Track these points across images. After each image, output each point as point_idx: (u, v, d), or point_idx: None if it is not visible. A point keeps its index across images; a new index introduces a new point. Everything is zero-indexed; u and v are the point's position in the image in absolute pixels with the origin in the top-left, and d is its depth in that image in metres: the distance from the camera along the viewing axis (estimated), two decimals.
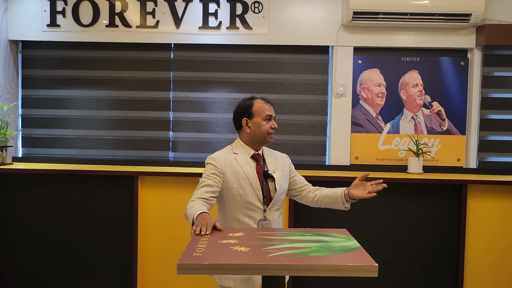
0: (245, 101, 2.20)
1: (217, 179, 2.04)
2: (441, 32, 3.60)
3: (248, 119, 2.15)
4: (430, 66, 3.67)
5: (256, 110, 2.14)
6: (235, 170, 2.08)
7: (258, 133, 2.12)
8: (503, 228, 3.26)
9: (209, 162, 2.13)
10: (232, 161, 2.11)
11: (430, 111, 3.69)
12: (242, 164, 2.10)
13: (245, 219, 2.04)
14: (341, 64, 3.65)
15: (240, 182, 2.06)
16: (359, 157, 3.70)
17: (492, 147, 3.65)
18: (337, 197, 2.12)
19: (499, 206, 3.24)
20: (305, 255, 1.36)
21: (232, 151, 2.16)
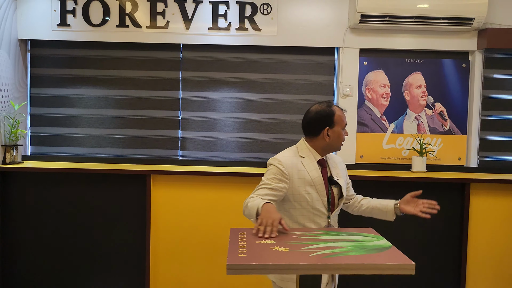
0: (323, 108, 2.13)
1: (283, 185, 2.00)
2: (443, 35, 3.70)
3: (330, 128, 2.10)
4: (433, 68, 3.78)
5: (337, 120, 2.10)
6: (302, 176, 2.05)
7: (336, 142, 2.10)
8: (505, 226, 3.40)
9: (275, 164, 2.05)
10: (299, 166, 2.06)
11: (433, 111, 3.80)
12: (309, 169, 2.06)
13: (310, 224, 2.04)
14: (347, 65, 3.74)
15: (307, 188, 2.04)
16: (364, 156, 3.80)
17: (492, 146, 3.78)
18: (388, 209, 2.17)
19: (501, 204, 3.37)
20: (343, 255, 1.45)
21: (298, 154, 2.11)
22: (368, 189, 3.34)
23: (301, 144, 2.18)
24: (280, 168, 2.03)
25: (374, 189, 3.36)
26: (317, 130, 2.12)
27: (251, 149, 3.85)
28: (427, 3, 3.48)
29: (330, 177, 2.12)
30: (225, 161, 3.80)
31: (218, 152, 3.85)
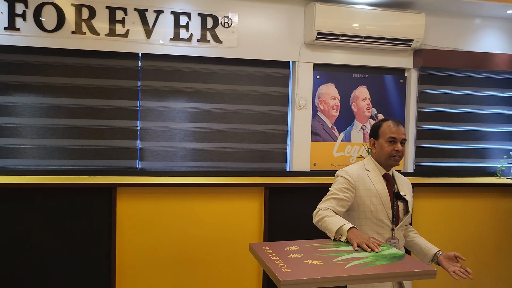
0: (377, 121, 2.31)
1: (349, 194, 2.13)
2: (386, 53, 4.10)
3: (375, 139, 2.25)
4: (376, 82, 4.17)
5: (382, 132, 2.21)
6: (367, 187, 2.16)
7: (381, 154, 2.20)
8: (447, 224, 3.88)
9: (342, 175, 2.20)
10: (365, 178, 2.18)
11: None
12: (375, 182, 2.18)
13: (374, 235, 2.13)
14: (302, 78, 3.97)
15: (372, 199, 2.15)
16: (317, 163, 4.07)
17: (426, 153, 4.27)
18: (428, 253, 2.20)
19: (440, 205, 3.84)
20: (373, 265, 1.64)
21: (364, 168, 2.24)
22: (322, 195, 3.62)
23: (369, 159, 2.31)
24: (347, 178, 2.18)
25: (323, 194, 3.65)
26: (370, 143, 2.31)
27: (211, 158, 3.92)
28: (375, 25, 3.84)
29: (397, 193, 2.22)
30: (186, 171, 3.82)
31: (178, 162, 3.86)
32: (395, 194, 2.20)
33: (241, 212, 3.54)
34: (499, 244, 3.97)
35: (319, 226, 2.08)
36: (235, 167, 3.95)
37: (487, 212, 3.92)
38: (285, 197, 3.64)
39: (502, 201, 3.97)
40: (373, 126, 2.32)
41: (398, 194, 2.21)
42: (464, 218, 3.91)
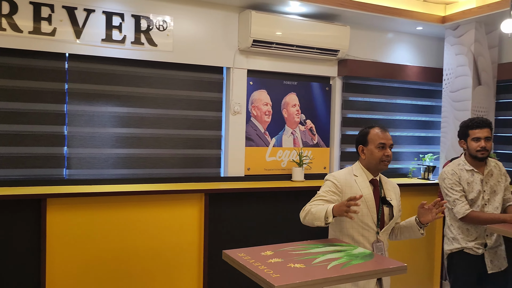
0: (363, 128, 2.40)
1: (336, 197, 2.18)
2: (314, 62, 4.31)
3: (363, 146, 2.33)
4: (304, 89, 4.36)
5: (370, 138, 2.31)
6: (354, 192, 2.23)
7: (372, 160, 2.30)
8: None
9: (330, 179, 2.28)
10: (352, 183, 2.27)
11: (305, 127, 4.38)
12: (362, 186, 2.26)
13: (359, 237, 2.21)
14: (237, 84, 4.01)
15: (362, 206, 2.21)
16: (251, 168, 4.13)
17: (350, 157, 4.56)
18: (412, 225, 2.30)
19: None
20: (351, 264, 1.73)
21: (352, 173, 2.32)
22: (255, 199, 3.71)
23: (357, 164, 2.40)
24: (334, 182, 2.27)
25: (261, 199, 3.75)
26: (357, 149, 2.41)
27: (144, 165, 3.78)
28: (305, 35, 4.02)
29: (383, 197, 2.30)
30: (118, 178, 3.65)
31: (109, 169, 3.66)
32: (381, 199, 2.29)
33: (180, 220, 3.47)
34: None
35: (306, 220, 2.17)
36: (169, 173, 3.86)
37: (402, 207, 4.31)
38: (223, 202, 3.65)
39: (414, 200, 4.39)
40: (360, 133, 2.40)
41: (384, 199, 2.30)
42: None
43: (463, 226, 2.84)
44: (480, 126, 2.81)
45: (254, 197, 3.79)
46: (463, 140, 2.91)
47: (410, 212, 4.28)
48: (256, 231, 3.78)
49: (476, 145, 2.81)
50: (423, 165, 4.65)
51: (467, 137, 2.87)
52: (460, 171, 2.86)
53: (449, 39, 4.53)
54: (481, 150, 2.81)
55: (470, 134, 2.85)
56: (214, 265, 3.58)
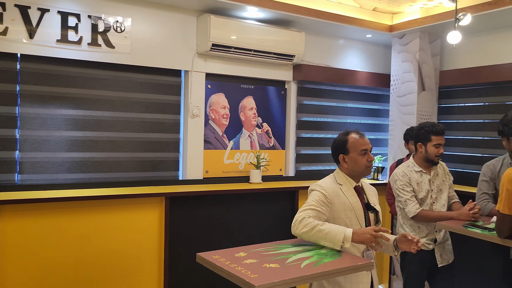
0: (340, 136, 2.31)
1: (326, 208, 2.12)
2: (270, 66, 4.41)
3: (344, 155, 2.24)
4: (261, 93, 4.45)
5: (351, 146, 2.22)
6: (342, 201, 2.18)
7: (356, 168, 2.23)
8: None
9: (318, 190, 2.18)
10: (339, 192, 2.20)
11: (261, 130, 4.46)
12: (348, 195, 2.21)
13: (350, 247, 2.07)
14: (195, 87, 4.03)
15: (347, 212, 2.18)
16: (209, 171, 4.16)
17: (305, 158, 4.70)
18: (389, 244, 2.20)
19: None
20: (323, 262, 1.82)
21: (336, 182, 2.25)
22: (215, 201, 3.75)
23: (338, 173, 2.31)
24: (323, 193, 2.17)
25: (221, 201, 3.80)
26: (336, 158, 2.32)
27: (101, 169, 3.70)
28: (263, 40, 4.10)
29: (367, 204, 2.27)
30: (73, 183, 3.55)
31: (64, 174, 3.55)
32: (366, 205, 2.27)
33: (139, 224, 3.44)
34: None
35: (308, 236, 2.02)
36: (126, 177, 3.80)
37: None
38: (183, 206, 3.65)
39: None
40: (338, 141, 2.30)
41: (369, 205, 2.28)
42: None
43: (415, 224, 3.03)
44: (442, 133, 2.99)
45: (213, 200, 3.82)
46: (421, 143, 3.04)
47: None
48: (217, 233, 3.82)
49: (436, 150, 2.99)
50: (373, 166, 4.88)
51: (428, 142, 3.00)
52: (410, 172, 3.05)
53: (396, 47, 4.79)
54: (438, 156, 3.01)
55: (432, 140, 2.98)
56: (175, 269, 3.58)
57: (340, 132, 2.38)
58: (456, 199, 3.17)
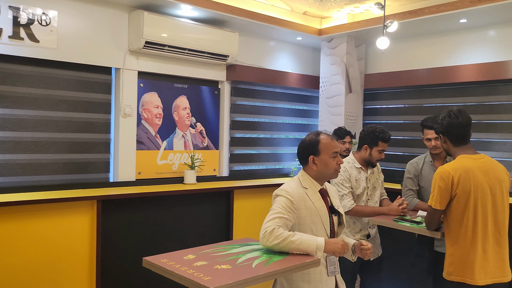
0: (310, 137, 2.18)
1: (292, 215, 2.02)
2: (204, 66, 4.37)
3: (314, 156, 2.13)
4: (194, 92, 4.40)
5: (322, 148, 2.12)
6: (308, 206, 2.08)
7: (325, 170, 2.14)
8: (260, 219, 4.36)
9: (284, 195, 2.05)
10: (305, 197, 2.09)
11: (195, 130, 4.42)
12: (314, 199, 2.11)
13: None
14: (127, 86, 3.88)
15: (313, 218, 2.09)
16: (142, 172, 4.03)
17: (238, 158, 4.73)
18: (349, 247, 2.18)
19: (256, 204, 4.32)
20: (272, 262, 1.85)
21: (301, 185, 2.13)
22: (149, 203, 3.66)
23: (303, 175, 2.18)
24: (289, 198, 2.05)
25: (155, 203, 3.71)
26: (305, 159, 2.17)
27: (23, 172, 3.44)
28: (197, 39, 4.06)
29: (331, 207, 2.18)
30: None
31: None
32: (330, 209, 2.18)
33: (69, 230, 3.25)
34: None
35: (280, 247, 1.93)
36: (52, 180, 3.57)
37: None
38: (115, 209, 3.51)
39: None
40: (308, 142, 2.19)
41: (333, 208, 2.20)
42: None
43: (350, 220, 3.17)
44: (389, 141, 3.15)
45: (147, 202, 3.71)
46: (368, 146, 3.16)
47: None
48: (152, 237, 3.71)
49: (379, 156, 3.15)
50: None
51: (374, 146, 3.13)
52: (350, 169, 3.18)
53: (324, 50, 4.98)
54: (379, 160, 3.18)
55: (379, 145, 3.12)
56: (108, 275, 3.43)
57: (309, 132, 2.27)
58: (385, 195, 3.37)
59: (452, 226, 2.43)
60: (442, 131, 2.54)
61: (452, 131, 2.50)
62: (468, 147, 2.51)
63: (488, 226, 2.36)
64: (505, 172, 2.47)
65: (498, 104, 4.08)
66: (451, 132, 2.50)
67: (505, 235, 2.40)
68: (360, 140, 3.21)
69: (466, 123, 2.52)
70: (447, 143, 2.55)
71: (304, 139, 2.22)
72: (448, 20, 4.03)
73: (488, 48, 4.14)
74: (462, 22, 4.08)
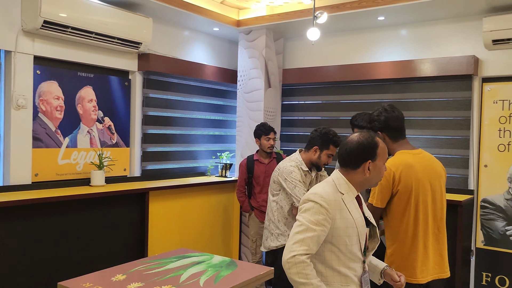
0: (366, 138, 1.83)
1: (326, 228, 1.70)
2: (113, 54, 3.90)
3: (372, 161, 1.80)
4: (102, 83, 3.91)
5: (380, 153, 1.82)
6: (344, 216, 1.74)
7: (375, 178, 1.83)
8: (180, 222, 4.03)
9: (317, 201, 1.70)
10: (341, 204, 1.75)
11: (103, 125, 3.93)
12: (350, 208, 1.77)
13: (346, 271, 1.76)
14: (20, 73, 3.30)
15: (348, 230, 1.74)
16: (39, 173, 3.47)
17: (152, 156, 4.32)
18: (376, 270, 1.98)
19: (174, 206, 3.98)
20: (222, 277, 1.58)
21: (337, 190, 1.78)
22: (49, 210, 3.15)
23: (338, 178, 1.84)
24: (324, 206, 1.71)
25: (57, 209, 3.21)
26: (358, 163, 1.82)
27: None
28: (107, 23, 3.59)
29: (365, 218, 1.88)
30: None
31: None
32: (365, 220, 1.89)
33: None
34: (215, 233, 4.47)
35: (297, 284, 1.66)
36: None
37: (203, 206, 4.36)
38: (5, 218, 2.95)
39: (214, 197, 4.49)
40: (367, 144, 1.84)
41: (367, 220, 1.90)
42: (188, 214, 4.20)
43: (290, 223, 2.99)
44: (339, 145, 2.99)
45: (46, 209, 3.19)
46: (318, 148, 3.01)
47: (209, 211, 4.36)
48: (55, 249, 3.20)
49: (327, 160, 3.04)
50: (221, 163, 4.78)
51: (325, 149, 3.00)
52: (298, 169, 3.00)
53: (242, 42, 4.77)
54: (326, 164, 3.07)
55: (330, 149, 3.00)
56: None
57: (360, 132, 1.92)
58: None
59: (392, 224, 2.35)
60: (381, 127, 2.45)
61: (391, 125, 2.43)
62: (406, 142, 2.46)
63: (429, 222, 2.32)
64: (442, 168, 2.46)
65: (412, 101, 4.21)
66: (391, 126, 2.43)
67: (443, 231, 2.39)
68: (310, 140, 3.06)
69: (402, 116, 2.48)
70: (385, 140, 2.47)
71: (359, 140, 1.84)
72: (367, 17, 4.06)
73: (402, 46, 4.25)
74: (380, 20, 4.14)
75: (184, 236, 4.16)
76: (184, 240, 4.15)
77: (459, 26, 3.94)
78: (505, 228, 3.75)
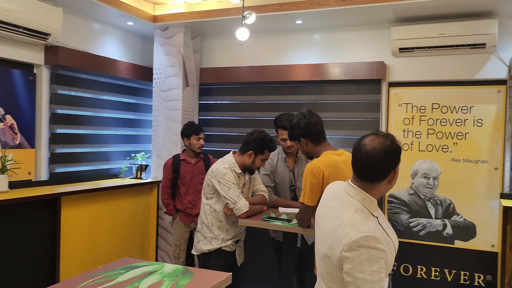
0: (390, 142, 1.53)
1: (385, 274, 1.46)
2: (16, 45, 3.52)
3: (395, 170, 1.53)
4: (2, 77, 3.50)
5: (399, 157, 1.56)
6: (388, 244, 1.47)
7: (390, 186, 1.58)
8: (94, 229, 3.75)
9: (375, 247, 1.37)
10: (384, 234, 1.47)
11: (4, 124, 3.52)
12: (389, 232, 1.52)
13: None
14: None
15: (390, 259, 1.50)
16: None
17: (62, 158, 3.96)
18: None
19: (83, 211, 3.70)
20: (182, 286, 1.50)
21: (370, 214, 1.48)
22: None
23: (366, 198, 1.52)
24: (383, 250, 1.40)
25: None
26: (385, 174, 1.53)
27: None
28: (10, 9, 3.22)
29: None
30: None
31: None
32: None
33: None
34: (131, 237, 4.26)
35: None
36: None
37: (118, 210, 4.13)
38: None
39: (129, 200, 4.28)
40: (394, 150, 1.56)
41: None
42: (102, 219, 3.95)
43: (224, 227, 2.93)
44: (274, 149, 3.01)
45: None
46: (253, 153, 2.96)
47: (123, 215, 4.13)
48: None
49: (261, 164, 3.01)
50: (135, 164, 4.56)
51: (259, 154, 2.96)
52: (231, 172, 2.93)
53: (158, 39, 4.59)
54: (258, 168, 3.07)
55: (265, 154, 2.97)
56: None
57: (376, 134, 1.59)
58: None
59: None
60: (302, 133, 2.54)
61: (312, 130, 2.53)
62: (327, 144, 2.59)
63: None
64: None
65: (327, 103, 4.41)
66: (311, 131, 2.53)
67: None
68: (245, 144, 3.00)
69: (320, 120, 2.61)
70: (308, 145, 2.56)
71: (385, 149, 1.53)
72: (286, 20, 4.15)
73: (318, 50, 4.43)
74: (298, 23, 4.26)
75: (99, 242, 3.90)
76: (98, 246, 3.88)
77: (370, 33, 4.22)
78: (408, 221, 4.10)
